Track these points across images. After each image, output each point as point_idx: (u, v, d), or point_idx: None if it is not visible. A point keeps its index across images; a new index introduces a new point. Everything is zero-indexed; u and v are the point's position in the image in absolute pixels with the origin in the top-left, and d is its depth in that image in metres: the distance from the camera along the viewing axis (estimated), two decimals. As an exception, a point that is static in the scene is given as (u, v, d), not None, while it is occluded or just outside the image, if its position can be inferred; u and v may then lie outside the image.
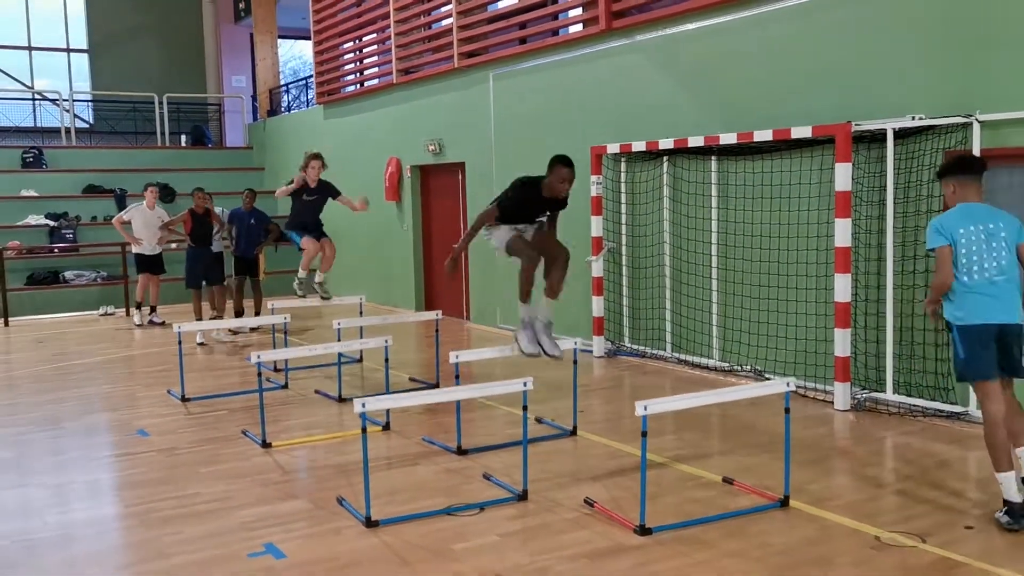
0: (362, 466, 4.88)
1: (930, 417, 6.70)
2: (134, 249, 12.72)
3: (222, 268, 11.82)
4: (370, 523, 4.82)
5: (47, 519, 5.15)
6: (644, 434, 4.63)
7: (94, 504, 5.51)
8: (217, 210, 11.87)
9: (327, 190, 9.37)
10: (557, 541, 4.61)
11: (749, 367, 8.18)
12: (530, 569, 4.28)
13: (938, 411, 6.70)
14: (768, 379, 7.56)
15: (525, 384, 5.26)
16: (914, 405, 6.84)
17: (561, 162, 5.78)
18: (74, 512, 5.32)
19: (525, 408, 5.27)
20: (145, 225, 12.55)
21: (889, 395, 7.00)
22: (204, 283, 11.64)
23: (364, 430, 4.85)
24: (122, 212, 13.11)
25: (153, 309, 12.84)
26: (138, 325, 12.72)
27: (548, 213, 6.03)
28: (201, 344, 10.95)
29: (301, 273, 9.41)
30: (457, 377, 6.28)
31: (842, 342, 7.11)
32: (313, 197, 9.25)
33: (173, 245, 13.07)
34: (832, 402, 7.17)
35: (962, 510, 4.92)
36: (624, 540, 4.58)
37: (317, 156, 9.26)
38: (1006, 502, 4.64)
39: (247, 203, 11.70)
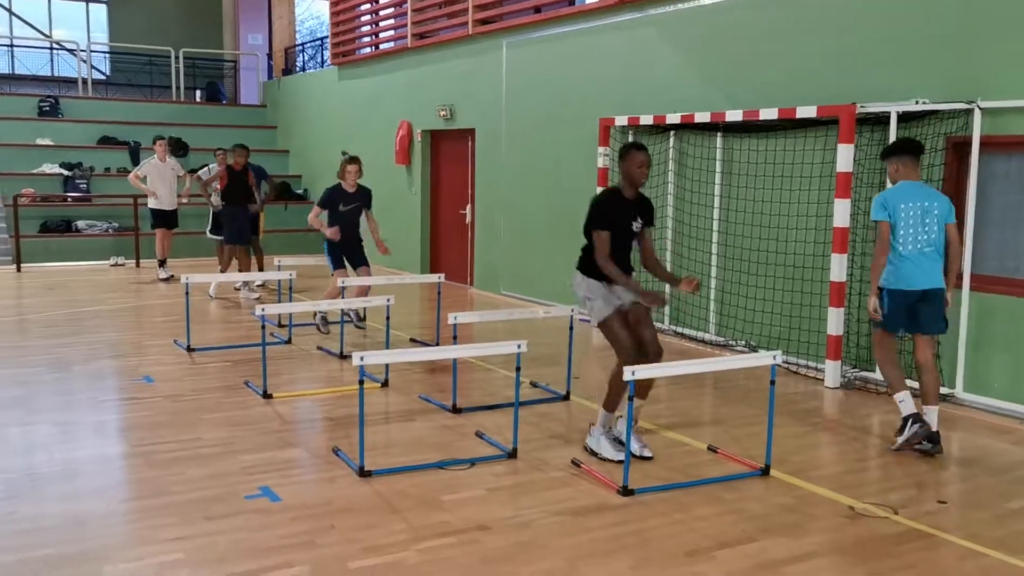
0: (358, 419, 5.05)
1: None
2: (151, 204, 12.76)
3: (251, 228, 11.55)
4: (363, 473, 4.99)
5: (53, 455, 5.34)
6: (631, 398, 4.78)
7: (99, 443, 5.70)
8: (211, 166, 11.42)
9: (365, 199, 8.62)
10: (542, 497, 4.77)
11: (744, 342, 8.31)
12: (514, 522, 4.44)
13: (925, 392, 6.82)
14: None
15: (519, 346, 5.40)
16: (902, 385, 6.96)
17: (634, 147, 5.37)
18: (79, 450, 5.51)
19: (518, 369, 5.42)
20: (160, 178, 12.65)
21: (878, 374, 7.11)
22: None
23: (361, 382, 5.00)
24: (137, 168, 13.10)
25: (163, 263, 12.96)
26: (163, 279, 12.62)
27: (640, 222, 5.44)
28: (212, 298, 11.09)
29: (323, 306, 8.46)
30: (455, 338, 6.43)
31: (835, 321, 7.22)
32: (351, 206, 8.51)
33: (185, 200, 13.14)
34: (823, 379, 7.31)
35: (938, 486, 5.07)
36: (607, 500, 4.74)
37: (354, 160, 8.48)
38: (905, 418, 5.51)
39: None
